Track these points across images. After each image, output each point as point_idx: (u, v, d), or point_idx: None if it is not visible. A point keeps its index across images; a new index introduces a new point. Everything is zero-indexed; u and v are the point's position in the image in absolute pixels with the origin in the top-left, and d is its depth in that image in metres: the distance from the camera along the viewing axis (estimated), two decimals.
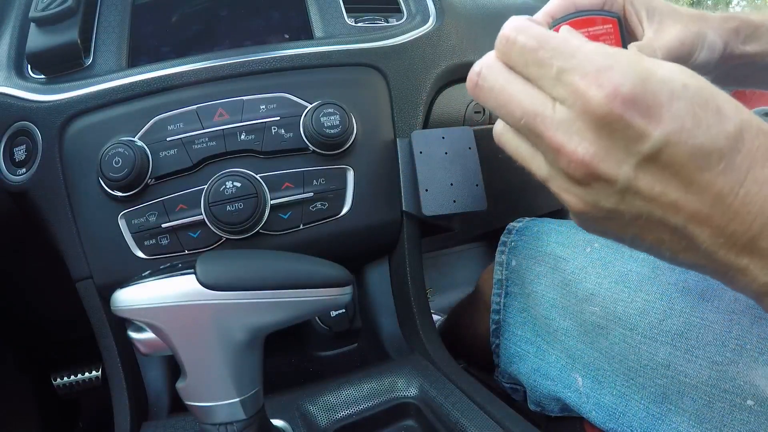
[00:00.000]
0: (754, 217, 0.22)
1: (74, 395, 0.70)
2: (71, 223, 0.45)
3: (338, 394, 0.43)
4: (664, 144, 0.22)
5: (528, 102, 0.25)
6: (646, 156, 0.22)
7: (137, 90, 0.47)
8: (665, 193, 0.23)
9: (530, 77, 0.25)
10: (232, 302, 0.30)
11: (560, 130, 0.24)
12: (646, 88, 0.22)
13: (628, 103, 0.22)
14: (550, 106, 0.24)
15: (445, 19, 0.57)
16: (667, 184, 0.23)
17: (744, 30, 0.40)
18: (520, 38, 0.25)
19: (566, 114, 0.24)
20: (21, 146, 0.46)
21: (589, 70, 0.23)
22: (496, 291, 0.54)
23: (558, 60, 0.24)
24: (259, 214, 0.44)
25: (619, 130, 0.22)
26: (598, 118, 0.22)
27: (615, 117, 0.22)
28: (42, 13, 0.47)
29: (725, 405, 0.34)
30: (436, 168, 0.49)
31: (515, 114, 0.26)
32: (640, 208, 0.24)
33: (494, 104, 0.27)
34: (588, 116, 0.23)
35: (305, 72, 0.50)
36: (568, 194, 0.25)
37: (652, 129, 0.22)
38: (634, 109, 0.22)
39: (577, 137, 0.23)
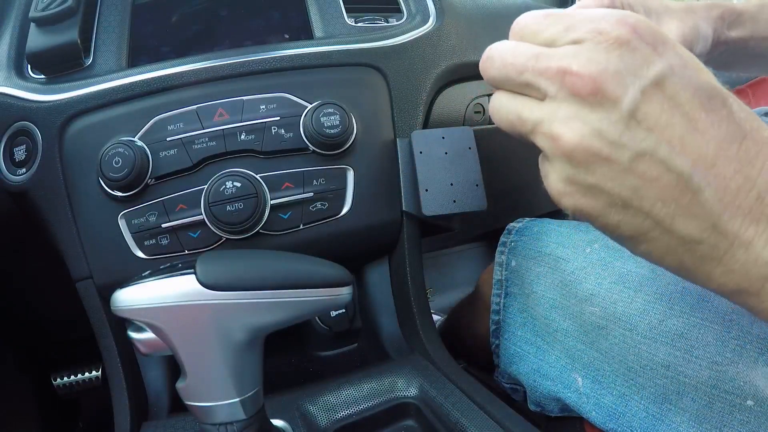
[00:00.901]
0: (758, 172, 0.22)
1: (74, 395, 0.70)
2: (71, 223, 0.45)
3: (338, 394, 0.43)
4: (669, 72, 0.22)
5: (533, 49, 0.25)
6: (652, 81, 0.22)
7: (137, 90, 0.47)
8: (671, 125, 0.22)
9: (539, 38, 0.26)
10: (232, 302, 0.30)
11: (567, 57, 0.24)
12: (652, 27, 0.23)
13: (637, 31, 0.23)
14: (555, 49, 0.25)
15: (445, 19, 0.57)
16: (672, 116, 0.22)
17: (728, 17, 0.41)
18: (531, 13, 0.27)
19: (573, 47, 0.24)
20: (21, 146, 0.46)
21: (598, 15, 0.24)
22: (495, 291, 0.54)
23: (568, 18, 0.25)
24: (259, 214, 0.44)
25: (626, 53, 0.23)
26: (606, 40, 0.23)
27: (623, 40, 0.23)
28: (42, 13, 0.47)
29: (725, 405, 0.34)
30: (436, 168, 0.49)
31: (518, 63, 0.26)
32: (643, 143, 0.23)
33: (500, 65, 0.27)
34: (596, 42, 0.23)
35: (305, 72, 0.50)
36: (568, 123, 0.24)
37: (657, 57, 0.23)
38: (640, 38, 0.23)
39: (584, 58, 0.23)
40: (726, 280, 0.23)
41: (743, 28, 0.41)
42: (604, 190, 0.24)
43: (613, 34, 0.23)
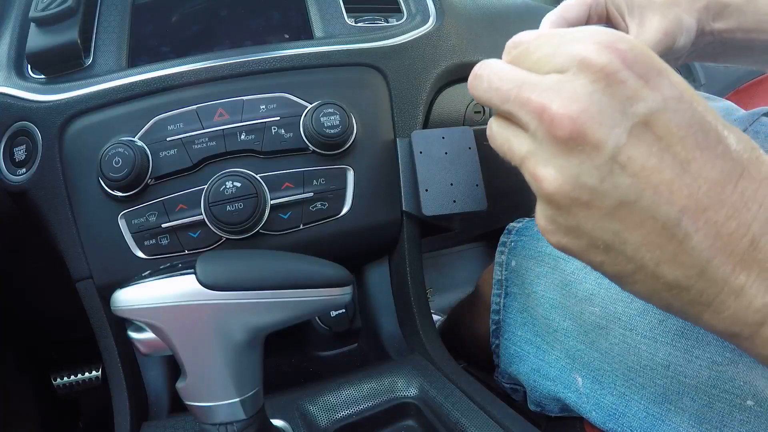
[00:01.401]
0: (753, 216, 0.20)
1: (74, 395, 0.70)
2: (71, 223, 0.45)
3: (338, 394, 0.43)
4: (661, 108, 0.20)
5: (517, 76, 0.24)
6: (641, 119, 0.20)
7: (137, 90, 0.47)
8: (659, 169, 0.20)
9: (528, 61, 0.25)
10: (232, 302, 0.30)
11: (548, 91, 0.22)
12: (645, 55, 0.21)
13: (626, 60, 0.21)
14: (539, 77, 0.23)
15: (445, 19, 0.57)
16: (660, 159, 0.20)
17: (713, 8, 0.40)
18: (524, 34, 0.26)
19: (558, 78, 0.22)
20: (21, 146, 0.46)
21: (587, 37, 0.22)
22: (495, 291, 0.54)
23: (558, 39, 0.24)
24: (259, 214, 0.44)
25: (615, 87, 0.21)
26: (592, 72, 0.21)
27: (612, 70, 0.21)
28: (42, 13, 0.47)
29: (725, 405, 0.34)
30: (436, 168, 0.49)
31: (502, 89, 0.24)
32: (627, 190, 0.21)
33: (486, 87, 0.26)
34: (582, 73, 0.21)
35: (305, 72, 0.50)
36: (546, 167, 0.22)
37: (647, 91, 0.21)
38: (631, 69, 0.21)
39: (566, 95, 0.21)
40: (716, 323, 0.22)
41: (729, 19, 0.41)
42: (585, 233, 0.23)
43: (600, 64, 0.21)
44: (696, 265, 0.21)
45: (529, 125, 0.23)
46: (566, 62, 0.22)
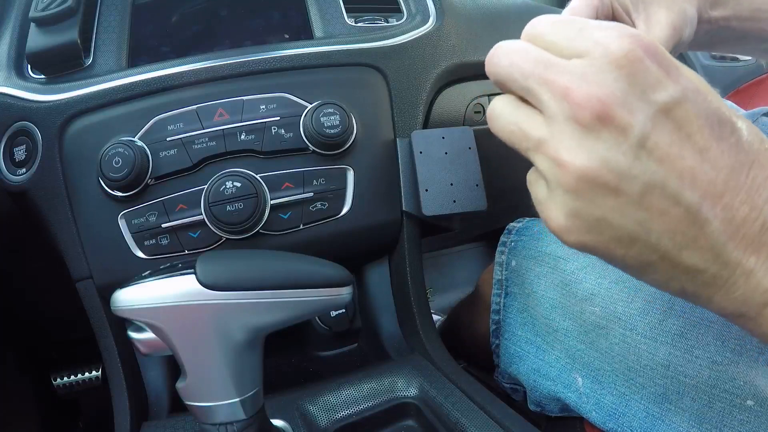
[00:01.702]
0: (764, 201, 0.21)
1: (74, 395, 0.70)
2: (71, 223, 0.45)
3: (338, 394, 0.43)
4: (681, 97, 0.21)
5: (542, 56, 0.24)
6: (662, 107, 0.21)
7: (137, 90, 0.47)
8: (681, 156, 0.21)
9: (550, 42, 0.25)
10: (232, 302, 0.30)
11: (573, 74, 0.22)
12: (665, 51, 0.22)
13: (651, 50, 0.22)
14: (565, 61, 0.23)
15: (445, 19, 0.57)
16: (682, 146, 0.21)
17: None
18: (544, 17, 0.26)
19: (581, 62, 0.23)
20: (21, 146, 0.46)
21: (611, 26, 0.23)
22: (496, 291, 0.54)
23: (580, 25, 0.24)
24: (259, 214, 0.44)
25: (639, 74, 0.21)
26: (619, 60, 0.22)
27: (638, 58, 0.21)
28: (42, 13, 0.47)
29: (725, 405, 0.34)
30: (436, 168, 0.49)
31: (525, 68, 0.24)
32: (654, 175, 0.21)
33: (507, 65, 0.25)
34: (607, 60, 0.22)
35: (305, 72, 0.50)
36: (570, 150, 0.22)
37: (669, 81, 0.22)
38: (653, 58, 0.22)
39: (591, 78, 0.22)
40: (726, 305, 0.23)
41: (725, 7, 0.41)
42: (610, 225, 0.22)
43: (624, 51, 0.22)
44: (714, 248, 0.22)
45: (549, 107, 0.23)
46: (590, 47, 0.23)
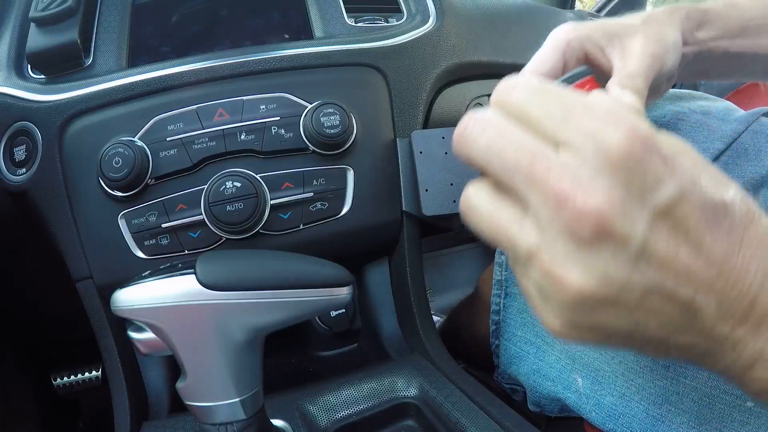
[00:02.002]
0: (752, 278, 0.21)
1: (74, 395, 0.69)
2: (71, 223, 0.45)
3: (338, 394, 0.43)
4: (680, 195, 0.20)
5: (528, 144, 0.21)
6: (661, 209, 0.20)
7: (137, 90, 0.47)
8: (679, 258, 0.20)
9: (531, 120, 0.22)
10: (232, 302, 0.30)
11: (565, 175, 0.20)
12: (659, 136, 0.20)
13: (648, 144, 0.19)
14: (554, 149, 0.21)
15: (445, 19, 0.57)
16: (679, 247, 0.20)
17: (694, 16, 0.38)
18: (523, 82, 0.23)
19: (573, 157, 0.20)
20: (21, 146, 0.46)
21: (601, 111, 0.20)
22: (495, 292, 0.54)
23: (564, 102, 0.21)
24: (259, 214, 0.44)
25: (636, 175, 0.19)
26: (615, 160, 0.19)
27: (635, 158, 0.19)
28: (42, 13, 0.47)
29: (725, 406, 0.34)
30: (436, 168, 0.49)
31: (507, 157, 0.21)
32: (652, 280, 0.20)
33: (484, 148, 0.22)
34: (602, 158, 0.19)
35: (305, 72, 0.50)
36: (567, 266, 0.20)
37: (668, 177, 0.20)
38: (653, 152, 0.19)
39: (586, 183, 0.19)
40: (714, 367, 0.23)
41: (712, 26, 0.39)
42: (607, 327, 0.22)
43: (621, 151, 0.19)
44: (704, 330, 0.21)
45: (540, 213, 0.21)
46: (581, 141, 0.20)
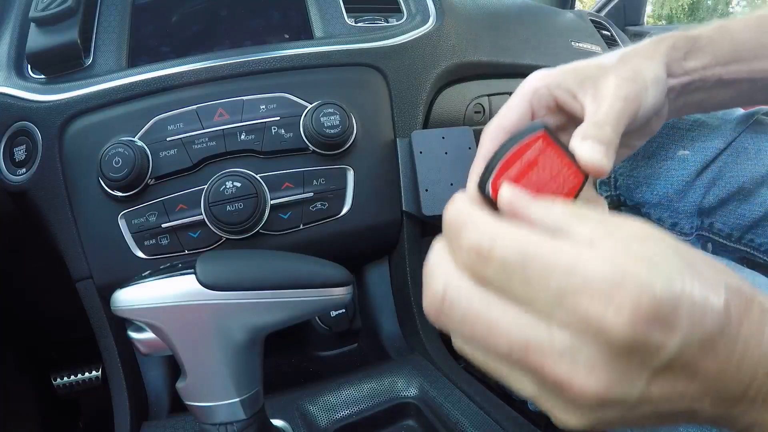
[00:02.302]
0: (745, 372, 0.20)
1: (74, 395, 0.69)
2: (71, 223, 0.45)
3: (338, 394, 0.43)
4: (679, 350, 0.19)
5: (516, 330, 0.20)
6: (660, 368, 0.19)
7: (137, 90, 0.47)
8: (675, 389, 0.20)
9: (516, 297, 0.20)
10: (232, 302, 0.30)
11: (564, 361, 0.19)
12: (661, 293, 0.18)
13: (651, 321, 0.18)
14: (546, 331, 0.19)
15: (445, 19, 0.57)
16: (676, 383, 0.20)
17: (681, 45, 0.36)
18: (496, 252, 0.20)
19: (570, 340, 0.19)
20: (21, 146, 0.46)
21: (598, 289, 0.18)
22: None
23: (554, 278, 0.19)
24: (259, 214, 0.44)
25: (637, 352, 0.19)
26: (616, 346, 0.18)
27: (638, 340, 0.18)
28: (42, 13, 0.47)
29: None
30: (436, 168, 0.49)
31: (500, 347, 0.20)
32: (647, 412, 0.20)
33: (470, 335, 0.21)
34: (602, 344, 0.19)
35: (305, 72, 0.50)
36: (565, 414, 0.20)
37: (669, 339, 0.19)
38: (655, 325, 0.18)
39: (586, 367, 0.19)
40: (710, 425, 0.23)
41: (703, 54, 0.36)
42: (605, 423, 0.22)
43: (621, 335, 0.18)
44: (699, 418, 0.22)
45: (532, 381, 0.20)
46: (578, 325, 0.19)
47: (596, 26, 0.83)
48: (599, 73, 0.32)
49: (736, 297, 0.20)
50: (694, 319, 0.19)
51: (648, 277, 0.18)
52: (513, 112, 0.32)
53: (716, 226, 0.46)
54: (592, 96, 0.32)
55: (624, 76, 0.32)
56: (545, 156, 0.26)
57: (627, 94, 0.31)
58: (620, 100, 0.30)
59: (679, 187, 0.47)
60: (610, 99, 0.31)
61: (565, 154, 0.26)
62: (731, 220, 0.45)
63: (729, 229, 0.46)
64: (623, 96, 0.31)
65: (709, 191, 0.46)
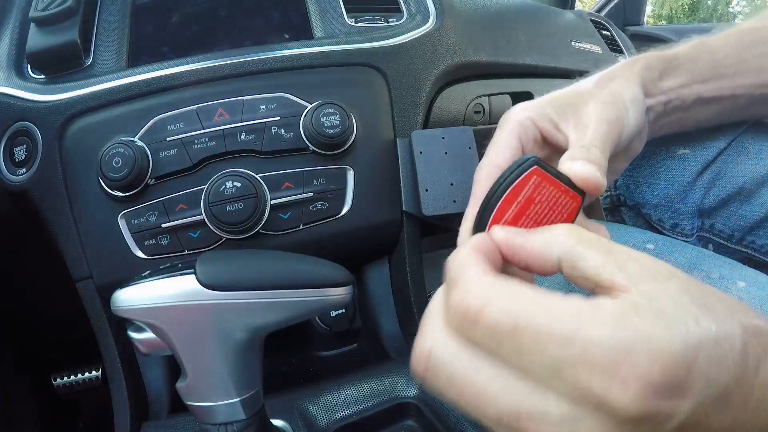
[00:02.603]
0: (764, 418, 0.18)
1: (74, 395, 0.69)
2: (71, 223, 0.45)
3: (338, 394, 0.43)
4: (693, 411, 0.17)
5: (507, 399, 0.18)
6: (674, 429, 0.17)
7: (137, 90, 0.47)
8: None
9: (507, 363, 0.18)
10: (232, 302, 0.30)
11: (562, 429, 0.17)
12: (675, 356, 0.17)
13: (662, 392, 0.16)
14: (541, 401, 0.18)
15: (445, 19, 0.57)
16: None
17: (656, 65, 0.35)
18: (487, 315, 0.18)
19: (569, 411, 0.17)
20: (21, 146, 0.46)
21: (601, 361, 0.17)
22: None
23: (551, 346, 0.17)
24: (259, 214, 0.44)
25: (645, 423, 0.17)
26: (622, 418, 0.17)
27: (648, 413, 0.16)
28: (42, 13, 0.47)
29: None
30: (436, 168, 0.49)
31: (489, 414, 0.18)
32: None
33: (457, 398, 0.19)
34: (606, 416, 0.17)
35: (305, 72, 0.50)
36: None
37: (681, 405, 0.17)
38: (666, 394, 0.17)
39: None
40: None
41: (680, 72, 0.35)
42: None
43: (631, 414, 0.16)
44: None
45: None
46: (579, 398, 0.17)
47: (596, 26, 0.83)
48: (578, 101, 0.32)
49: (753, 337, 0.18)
50: (710, 376, 0.17)
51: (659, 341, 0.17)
52: (504, 148, 0.31)
53: (717, 227, 0.46)
54: (574, 125, 0.31)
55: (604, 100, 0.31)
56: (541, 189, 0.25)
57: (609, 117, 0.30)
58: (604, 123, 0.30)
59: (680, 187, 0.47)
60: (593, 124, 0.30)
61: (559, 181, 0.26)
62: (732, 221, 0.45)
63: (730, 230, 0.46)
64: (606, 120, 0.30)
65: (709, 191, 0.46)
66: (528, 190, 0.25)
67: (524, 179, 0.25)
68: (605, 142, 0.29)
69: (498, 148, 0.31)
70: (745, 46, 0.37)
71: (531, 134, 0.32)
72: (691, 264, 0.39)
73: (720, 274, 0.38)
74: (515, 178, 0.25)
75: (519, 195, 0.25)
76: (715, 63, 0.36)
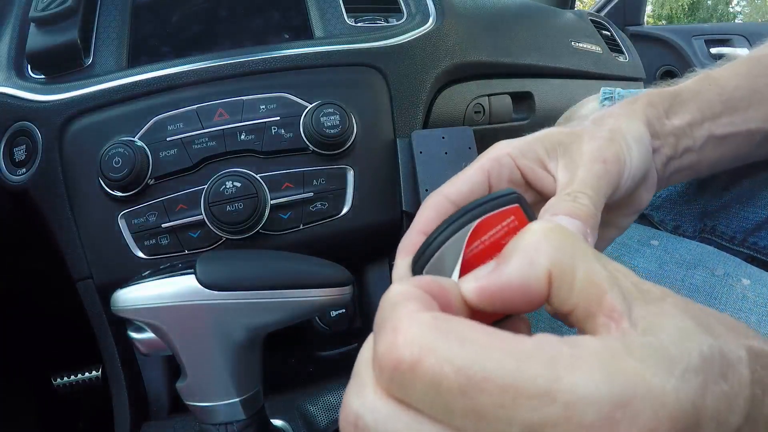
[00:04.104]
0: None
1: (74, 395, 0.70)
2: (71, 223, 0.45)
3: (338, 394, 0.43)
4: None
5: None
6: None
7: (137, 90, 0.47)
8: None
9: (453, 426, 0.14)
10: (231, 302, 0.30)
11: None
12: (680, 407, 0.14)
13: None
14: None
15: (445, 19, 0.57)
16: None
17: (659, 102, 0.32)
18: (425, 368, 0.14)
19: None
20: (21, 146, 0.46)
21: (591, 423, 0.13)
22: None
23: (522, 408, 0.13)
24: (259, 214, 0.44)
25: None
26: None
27: None
28: (42, 13, 0.47)
29: None
30: (436, 168, 0.49)
31: None
32: None
33: None
34: None
35: (305, 72, 0.50)
36: None
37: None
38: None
39: None
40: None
41: (687, 109, 0.32)
42: None
43: None
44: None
45: None
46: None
47: (596, 26, 0.83)
48: (571, 139, 0.27)
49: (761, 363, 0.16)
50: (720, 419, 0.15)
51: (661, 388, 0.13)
52: (463, 182, 0.26)
53: (719, 228, 0.46)
54: (565, 164, 0.27)
55: (601, 137, 0.27)
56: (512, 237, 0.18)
57: (606, 156, 0.26)
58: (598, 162, 0.26)
59: (682, 188, 0.47)
60: (586, 163, 0.26)
61: None
62: (734, 222, 0.45)
63: (732, 231, 0.46)
64: (602, 158, 0.26)
65: (711, 193, 0.46)
66: (498, 232, 0.20)
67: (497, 216, 0.20)
68: (599, 186, 0.25)
69: (457, 180, 0.27)
70: (755, 76, 0.34)
71: (507, 174, 0.27)
72: (695, 260, 0.39)
73: (725, 271, 0.38)
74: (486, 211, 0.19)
75: (484, 234, 0.20)
76: (726, 96, 0.33)
